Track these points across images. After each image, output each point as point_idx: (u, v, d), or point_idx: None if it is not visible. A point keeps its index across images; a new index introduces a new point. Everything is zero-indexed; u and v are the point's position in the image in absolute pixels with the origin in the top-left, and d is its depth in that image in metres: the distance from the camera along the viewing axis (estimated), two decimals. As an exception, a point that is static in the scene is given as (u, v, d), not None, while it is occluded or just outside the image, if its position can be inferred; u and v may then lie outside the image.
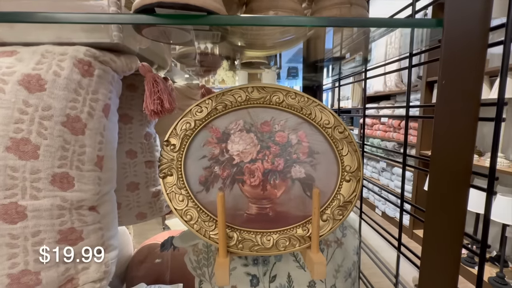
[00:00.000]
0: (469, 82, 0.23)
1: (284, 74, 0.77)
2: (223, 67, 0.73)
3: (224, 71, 0.78)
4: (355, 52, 0.48)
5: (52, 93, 0.24)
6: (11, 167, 0.22)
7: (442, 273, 0.26)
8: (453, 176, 0.24)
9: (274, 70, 0.71)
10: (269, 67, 0.68)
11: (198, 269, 0.43)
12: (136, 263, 0.66)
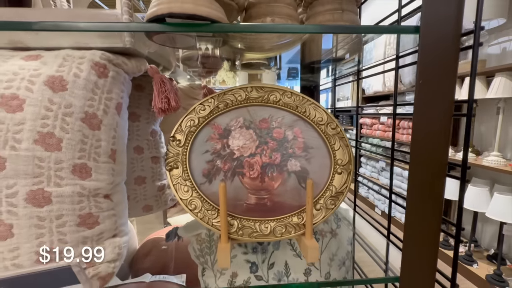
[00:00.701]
0: (443, 82, 0.26)
1: (284, 75, 0.80)
2: (224, 68, 0.76)
3: (224, 72, 0.81)
4: (349, 53, 0.51)
5: (73, 93, 0.27)
6: (38, 158, 0.25)
7: (422, 254, 0.29)
8: (430, 166, 0.27)
9: (274, 70, 0.74)
10: (269, 68, 0.71)
11: (201, 257, 0.46)
12: (141, 256, 0.69)
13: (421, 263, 0.30)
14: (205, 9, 0.24)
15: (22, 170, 0.25)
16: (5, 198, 0.24)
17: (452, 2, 0.24)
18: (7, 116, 0.24)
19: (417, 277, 0.30)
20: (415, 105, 0.26)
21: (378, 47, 0.60)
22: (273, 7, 0.37)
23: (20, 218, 0.24)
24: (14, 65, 0.27)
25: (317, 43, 0.48)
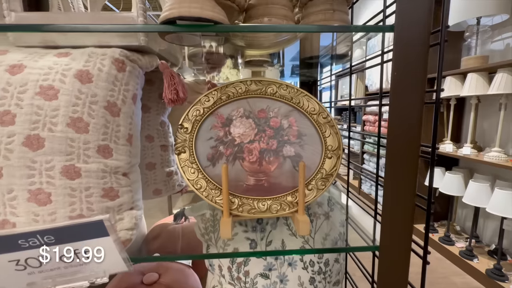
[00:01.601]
0: (416, 73, 0.30)
1: (288, 72, 0.83)
2: (227, 66, 0.80)
3: (228, 69, 0.86)
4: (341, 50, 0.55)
5: (97, 84, 0.32)
6: (70, 139, 0.30)
7: (399, 225, 0.33)
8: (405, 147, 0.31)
9: (277, 68, 0.78)
10: (272, 65, 0.75)
11: (206, 235, 0.51)
12: (150, 239, 0.74)
13: (398, 234, 0.34)
14: (209, 13, 0.28)
15: (57, 148, 0.29)
16: (45, 171, 0.29)
17: (423, 4, 0.28)
18: (45, 104, 0.29)
19: (395, 246, 0.34)
20: (391, 94, 0.30)
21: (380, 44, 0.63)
22: (270, 9, 0.41)
23: (57, 188, 0.29)
24: (49, 61, 0.31)
25: (312, 40, 0.52)
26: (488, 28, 1.94)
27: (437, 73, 0.30)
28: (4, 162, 0.28)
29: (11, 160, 0.28)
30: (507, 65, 1.66)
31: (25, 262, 0.25)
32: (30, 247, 0.25)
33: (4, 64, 0.30)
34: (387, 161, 0.32)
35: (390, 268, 0.35)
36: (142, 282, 0.51)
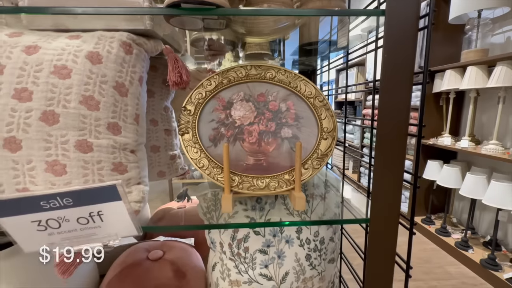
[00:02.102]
0: (405, 54, 0.32)
1: (288, 66, 0.85)
2: (228, 59, 0.82)
3: (229, 62, 0.87)
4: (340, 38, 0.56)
5: (107, 65, 0.34)
6: (82, 115, 0.32)
7: (387, 200, 0.36)
8: (394, 126, 0.33)
9: (278, 61, 0.80)
10: (272, 59, 0.76)
11: (208, 213, 0.54)
12: (154, 221, 0.78)
13: (387, 207, 0.36)
14: (211, -3, 0.30)
15: (71, 124, 0.32)
16: (60, 144, 0.31)
17: (412, -10, 0.30)
18: (60, 82, 0.32)
19: (383, 218, 0.37)
20: (382, 74, 0.33)
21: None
22: (270, -4, 0.43)
23: (71, 160, 0.32)
24: (62, 42, 0.33)
25: (310, 27, 0.53)
26: (489, 21, 1.94)
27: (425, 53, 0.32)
28: (24, 135, 0.30)
29: (30, 134, 0.30)
30: (507, 58, 1.67)
31: (46, 223, 0.28)
32: (51, 209, 0.27)
33: (20, 45, 0.32)
34: (378, 138, 0.34)
35: (379, 239, 0.38)
36: (147, 258, 0.54)
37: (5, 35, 0.33)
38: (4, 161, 0.30)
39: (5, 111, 0.30)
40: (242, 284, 0.52)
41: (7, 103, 0.30)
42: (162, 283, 0.50)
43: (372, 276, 0.41)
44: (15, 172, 0.30)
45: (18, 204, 0.26)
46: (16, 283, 0.41)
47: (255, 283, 0.52)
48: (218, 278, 0.55)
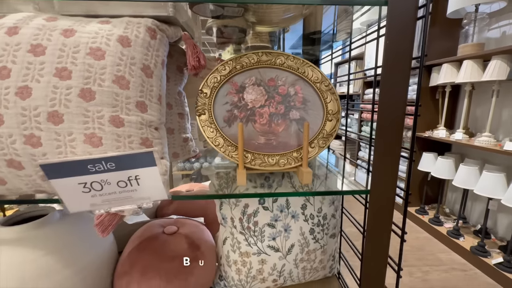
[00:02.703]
0: (403, 42, 0.35)
1: None
2: (228, 51, 0.85)
3: (229, 54, 0.90)
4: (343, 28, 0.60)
5: (135, 49, 0.37)
6: (115, 93, 0.36)
7: (386, 172, 0.40)
8: (393, 106, 0.38)
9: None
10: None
11: (220, 190, 0.58)
12: (165, 204, 0.82)
13: (385, 179, 0.41)
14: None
15: (106, 101, 0.35)
16: (97, 119, 0.35)
17: (412, -18, 0.34)
18: (95, 63, 0.35)
19: (382, 189, 0.41)
20: (384, 59, 0.36)
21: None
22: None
23: (106, 134, 0.35)
24: (94, 27, 0.37)
25: (314, 17, 0.57)
26: (486, 16, 1.97)
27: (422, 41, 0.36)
28: (65, 109, 0.34)
29: (70, 108, 0.34)
30: (501, 52, 1.71)
31: (90, 185, 0.32)
32: (96, 172, 0.31)
33: (58, 28, 0.35)
34: (379, 116, 0.38)
35: (378, 209, 0.43)
36: (163, 232, 0.59)
37: (43, 19, 0.36)
38: (48, 132, 0.34)
39: (49, 88, 0.33)
40: (251, 255, 0.57)
41: (50, 80, 0.33)
42: (178, 254, 0.55)
43: (371, 245, 0.45)
44: (58, 142, 0.34)
45: (69, 167, 0.30)
46: (49, 248, 0.45)
47: (263, 254, 0.57)
48: (229, 251, 0.60)
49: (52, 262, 0.44)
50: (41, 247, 0.45)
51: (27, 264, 0.43)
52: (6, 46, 0.34)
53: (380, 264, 0.45)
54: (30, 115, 0.33)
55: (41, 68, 0.34)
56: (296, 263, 0.59)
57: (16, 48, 0.34)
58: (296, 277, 0.61)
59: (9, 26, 0.35)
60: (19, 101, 0.33)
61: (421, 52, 0.37)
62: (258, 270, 0.58)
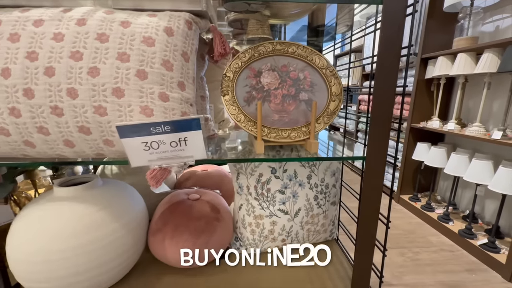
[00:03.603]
0: (395, 34, 0.44)
1: None
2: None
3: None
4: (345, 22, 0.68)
5: (177, 38, 0.46)
6: (162, 74, 0.44)
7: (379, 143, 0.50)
8: (386, 91, 0.47)
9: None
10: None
11: (237, 164, 0.68)
12: (182, 181, 0.91)
13: (378, 148, 0.50)
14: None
15: (155, 80, 0.44)
16: (149, 94, 0.43)
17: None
18: (148, 49, 0.43)
19: (376, 155, 0.51)
20: (379, 48, 0.45)
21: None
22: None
23: (156, 106, 0.44)
24: (145, 19, 0.45)
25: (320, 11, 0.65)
26: (481, 10, 2.05)
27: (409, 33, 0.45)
28: (125, 86, 0.42)
29: (129, 85, 0.42)
30: (493, 46, 1.80)
31: (150, 144, 0.41)
32: (156, 133, 0.40)
33: (116, 20, 0.43)
34: (374, 97, 0.48)
35: (372, 173, 0.52)
36: (188, 199, 0.68)
37: (103, 12, 0.44)
38: (112, 104, 0.42)
39: (113, 68, 0.42)
40: (264, 218, 0.67)
41: (113, 63, 0.42)
42: (203, 215, 0.64)
43: (366, 204, 0.55)
44: (120, 112, 0.42)
45: (137, 129, 0.39)
46: (99, 206, 0.54)
47: (274, 217, 0.67)
48: (244, 215, 0.69)
49: (103, 216, 0.54)
50: (94, 204, 0.54)
51: (85, 216, 0.52)
52: (78, 35, 0.42)
53: (373, 219, 0.55)
54: (98, 90, 0.42)
55: (106, 53, 0.42)
56: (302, 225, 0.69)
57: (85, 36, 0.42)
58: (301, 237, 0.71)
59: (77, 18, 0.43)
60: (90, 78, 0.41)
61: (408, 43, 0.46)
62: (269, 230, 0.68)
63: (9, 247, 0.51)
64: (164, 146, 0.41)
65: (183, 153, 0.43)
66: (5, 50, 0.41)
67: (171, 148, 0.42)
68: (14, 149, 0.46)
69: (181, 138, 0.41)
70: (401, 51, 0.46)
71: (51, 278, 0.50)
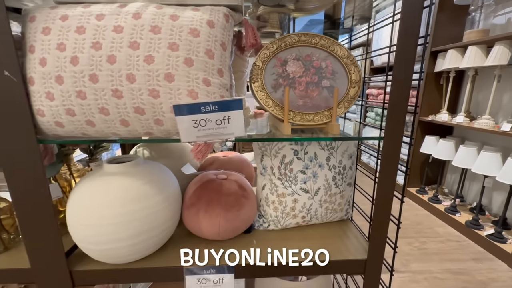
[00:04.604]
0: (414, 24, 0.49)
1: None
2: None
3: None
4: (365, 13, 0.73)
5: (217, 30, 0.51)
6: (205, 62, 0.50)
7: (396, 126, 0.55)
8: (403, 79, 0.52)
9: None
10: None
11: (262, 147, 0.74)
12: (206, 165, 0.98)
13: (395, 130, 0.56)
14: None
15: (200, 67, 0.50)
16: (195, 80, 0.49)
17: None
18: (194, 39, 0.49)
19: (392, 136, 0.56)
20: (398, 38, 0.50)
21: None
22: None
23: (201, 90, 0.50)
24: (190, 13, 0.50)
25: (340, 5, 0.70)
26: (492, 2, 2.05)
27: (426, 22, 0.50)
28: (175, 72, 0.48)
29: (179, 71, 0.49)
30: (505, 38, 1.81)
31: (199, 122, 0.47)
32: (205, 112, 0.46)
33: (166, 14, 0.50)
34: (393, 81, 0.53)
35: (389, 153, 0.58)
36: (217, 178, 0.75)
37: (154, 7, 0.51)
38: (164, 88, 0.49)
39: (165, 56, 0.48)
40: (286, 196, 0.74)
41: (165, 51, 0.48)
42: (232, 192, 0.71)
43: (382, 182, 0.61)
44: (170, 95, 0.49)
45: (190, 107, 0.45)
46: (144, 180, 0.61)
47: (296, 195, 0.74)
48: (268, 194, 0.76)
49: (147, 189, 0.61)
50: (139, 178, 0.61)
51: (133, 188, 0.59)
52: (134, 27, 0.48)
53: (389, 195, 0.60)
54: (153, 75, 0.48)
55: (159, 43, 0.48)
56: (321, 203, 0.76)
57: (141, 28, 0.48)
58: (319, 215, 0.78)
59: (133, 12, 0.49)
60: (146, 65, 0.48)
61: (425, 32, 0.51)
62: (291, 207, 0.74)
63: (69, 213, 0.58)
64: (210, 124, 0.48)
65: (226, 130, 0.49)
66: (73, 41, 0.48)
67: (215, 126, 0.48)
68: (76, 128, 0.53)
69: (225, 116, 0.48)
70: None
71: (102, 241, 0.57)
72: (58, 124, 0.52)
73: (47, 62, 0.48)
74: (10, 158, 0.53)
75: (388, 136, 0.57)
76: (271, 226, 0.77)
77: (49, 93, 0.49)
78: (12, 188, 0.55)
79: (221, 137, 0.50)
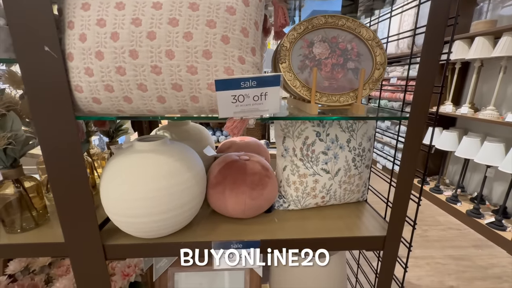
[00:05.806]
0: (441, 10, 0.51)
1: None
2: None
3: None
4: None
5: (251, 8, 0.52)
6: (240, 40, 0.51)
7: (421, 107, 0.57)
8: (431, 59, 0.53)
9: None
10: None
11: (285, 129, 0.76)
12: (224, 149, 1.00)
13: (421, 108, 0.58)
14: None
15: (236, 45, 0.51)
16: (231, 57, 0.51)
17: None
18: (230, 17, 0.50)
19: (418, 115, 0.58)
20: (429, 19, 0.52)
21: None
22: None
23: (236, 68, 0.51)
24: (226, -9, 0.52)
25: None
26: (501, -7, 2.04)
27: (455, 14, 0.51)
28: (213, 49, 0.50)
29: (216, 48, 0.50)
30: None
31: (237, 98, 0.49)
32: (244, 88, 0.47)
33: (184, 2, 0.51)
34: (421, 62, 0.55)
35: (413, 131, 0.60)
36: (240, 159, 0.77)
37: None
38: (202, 65, 0.50)
39: (203, 33, 0.49)
40: (308, 176, 0.76)
41: (203, 28, 0.49)
42: (255, 171, 0.73)
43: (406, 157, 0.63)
44: (207, 72, 0.50)
45: (230, 82, 0.46)
46: (174, 157, 0.63)
47: (317, 175, 0.76)
48: (289, 175, 0.78)
49: (178, 166, 0.63)
50: (169, 156, 0.63)
51: (165, 165, 0.61)
52: (173, 4, 0.49)
53: (411, 172, 0.63)
54: (191, 52, 0.49)
55: (197, 20, 0.49)
56: (340, 184, 0.78)
57: (180, 5, 0.49)
58: (338, 196, 0.80)
59: (171, -11, 0.50)
60: (185, 42, 0.49)
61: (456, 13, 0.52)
62: (312, 188, 0.77)
63: (102, 188, 0.60)
64: (248, 100, 0.49)
65: (262, 106, 0.51)
66: (113, 17, 0.49)
67: (253, 102, 0.50)
68: (113, 105, 0.54)
69: (262, 92, 0.49)
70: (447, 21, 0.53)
71: (137, 214, 0.60)
72: (95, 101, 0.54)
73: (87, 38, 0.49)
74: (48, 134, 0.54)
75: (414, 115, 0.59)
76: (291, 206, 0.80)
77: (88, 69, 0.51)
78: (49, 163, 0.56)
79: (256, 113, 0.51)
